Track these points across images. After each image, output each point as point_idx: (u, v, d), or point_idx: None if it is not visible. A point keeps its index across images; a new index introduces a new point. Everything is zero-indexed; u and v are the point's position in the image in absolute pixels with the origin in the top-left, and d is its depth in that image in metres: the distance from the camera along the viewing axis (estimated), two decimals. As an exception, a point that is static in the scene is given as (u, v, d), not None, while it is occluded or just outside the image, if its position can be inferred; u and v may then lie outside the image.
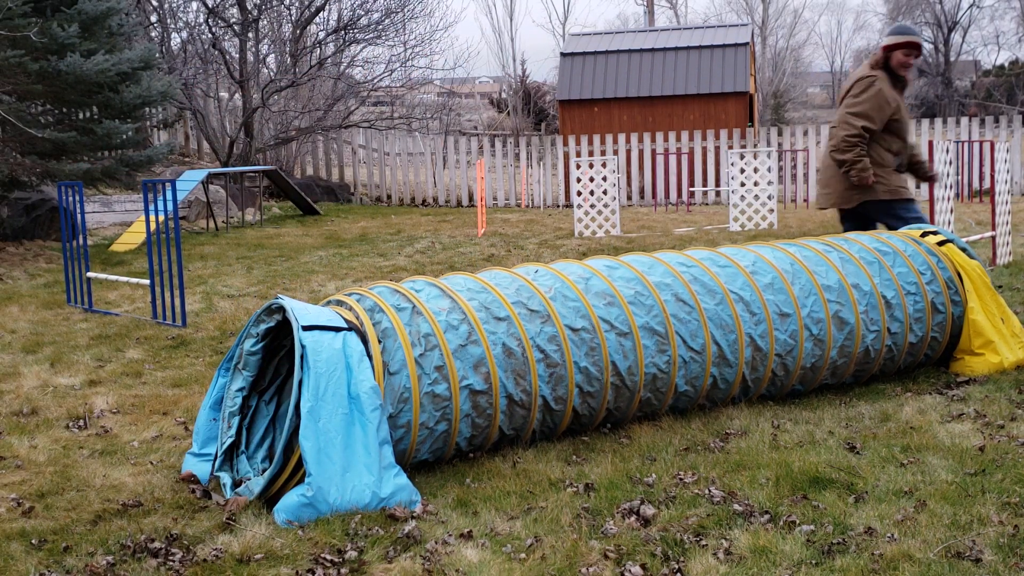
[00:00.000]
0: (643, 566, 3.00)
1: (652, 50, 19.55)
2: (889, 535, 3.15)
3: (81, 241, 7.74)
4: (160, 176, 15.58)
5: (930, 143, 8.31)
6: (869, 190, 6.22)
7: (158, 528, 3.39)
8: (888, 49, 6.20)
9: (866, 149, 6.17)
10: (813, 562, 3.00)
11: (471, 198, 19.62)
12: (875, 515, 3.31)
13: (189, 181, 13.49)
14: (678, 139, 18.47)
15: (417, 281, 4.20)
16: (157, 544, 3.23)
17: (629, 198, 18.66)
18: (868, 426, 4.35)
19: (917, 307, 5.00)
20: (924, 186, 17.31)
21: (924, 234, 5.42)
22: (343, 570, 3.05)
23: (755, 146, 17.87)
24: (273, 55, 21.13)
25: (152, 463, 4.13)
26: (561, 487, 3.69)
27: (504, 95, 39.08)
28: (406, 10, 20.50)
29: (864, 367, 4.93)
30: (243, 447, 3.93)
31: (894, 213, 6.25)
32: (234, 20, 19.00)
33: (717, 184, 18.39)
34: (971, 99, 39.49)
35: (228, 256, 11.25)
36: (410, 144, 20.45)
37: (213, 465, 3.85)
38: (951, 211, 8.41)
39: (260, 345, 3.91)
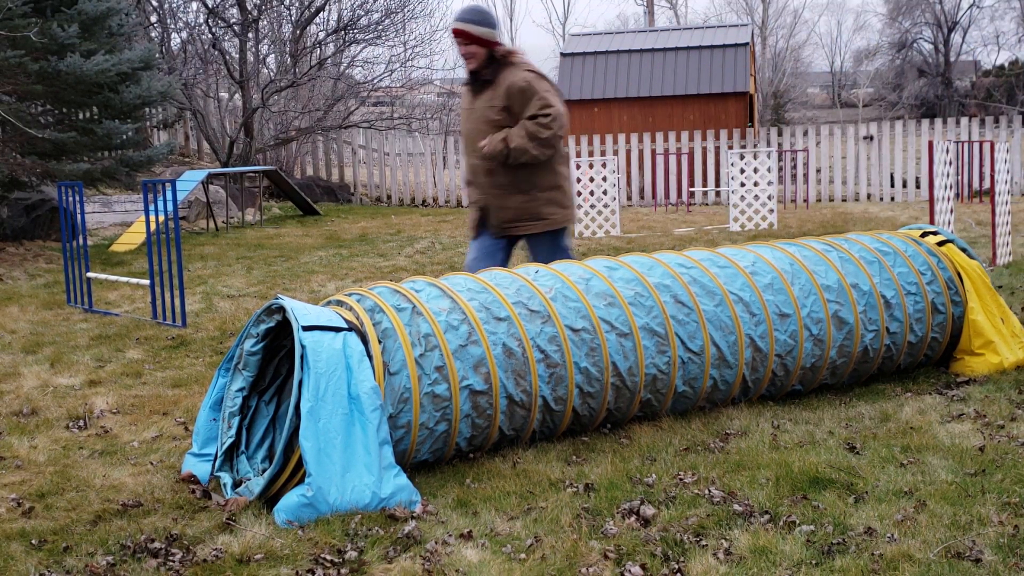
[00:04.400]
0: (643, 566, 3.00)
1: (652, 50, 19.56)
2: (889, 535, 3.15)
3: (81, 241, 7.73)
4: (160, 176, 15.58)
5: (930, 143, 8.32)
6: None
7: (158, 528, 3.39)
8: None
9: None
10: (813, 562, 3.00)
11: (471, 198, 19.59)
12: (875, 515, 3.31)
13: (189, 181, 13.48)
14: (678, 139, 18.47)
15: (417, 281, 4.20)
16: (157, 544, 3.23)
17: (629, 198, 18.65)
18: (868, 426, 4.35)
19: (917, 307, 5.00)
20: (924, 186, 17.30)
21: (924, 234, 5.43)
22: (343, 570, 3.05)
23: (755, 146, 17.86)
24: (273, 55, 21.15)
25: (152, 463, 4.13)
26: (561, 487, 3.69)
27: (504, 95, 38.92)
28: (406, 10, 20.55)
29: (863, 367, 4.93)
30: (243, 447, 3.93)
31: None
32: (234, 20, 18.99)
33: (717, 184, 18.39)
34: (971, 99, 39.52)
35: (228, 256, 11.25)
36: (410, 144, 20.46)
37: (213, 465, 3.85)
38: (951, 211, 8.42)
39: (260, 345, 3.91)
